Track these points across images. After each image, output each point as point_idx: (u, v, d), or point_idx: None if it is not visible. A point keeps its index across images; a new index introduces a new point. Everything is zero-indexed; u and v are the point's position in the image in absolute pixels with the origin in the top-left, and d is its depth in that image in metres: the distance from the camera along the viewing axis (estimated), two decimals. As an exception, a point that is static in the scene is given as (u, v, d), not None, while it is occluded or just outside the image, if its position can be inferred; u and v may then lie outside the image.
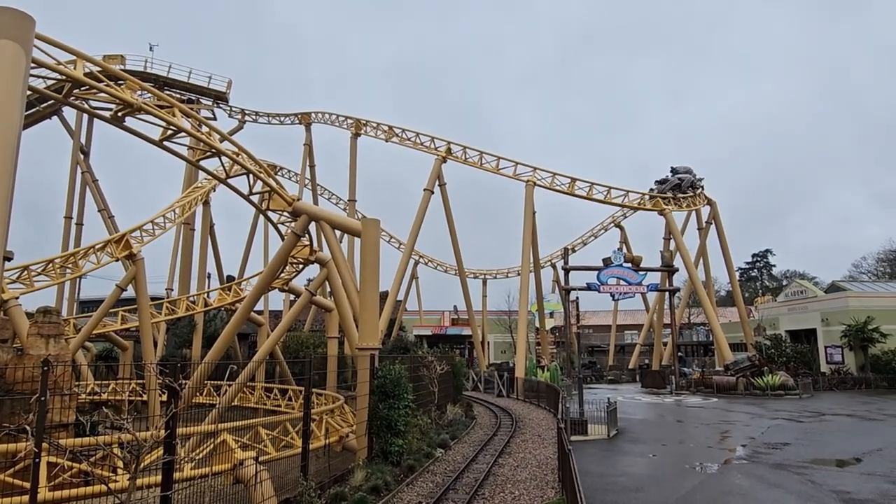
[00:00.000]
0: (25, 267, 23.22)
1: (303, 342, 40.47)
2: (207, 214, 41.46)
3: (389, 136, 44.09)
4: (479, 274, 61.57)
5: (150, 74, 38.13)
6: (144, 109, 13.96)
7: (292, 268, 25.15)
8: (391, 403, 13.51)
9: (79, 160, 40.75)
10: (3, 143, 8.18)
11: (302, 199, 20.77)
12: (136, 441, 6.91)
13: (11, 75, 8.54)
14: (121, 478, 8.84)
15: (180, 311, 32.04)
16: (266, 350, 23.64)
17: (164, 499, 7.36)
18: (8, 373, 14.37)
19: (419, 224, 40.76)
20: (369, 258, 15.45)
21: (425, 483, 12.54)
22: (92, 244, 26.25)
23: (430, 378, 20.09)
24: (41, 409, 6.59)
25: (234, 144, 17.12)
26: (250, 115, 47.28)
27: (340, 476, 11.75)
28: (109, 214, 40.43)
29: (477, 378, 41.86)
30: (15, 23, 8.79)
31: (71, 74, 12.73)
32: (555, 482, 12.32)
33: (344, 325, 20.69)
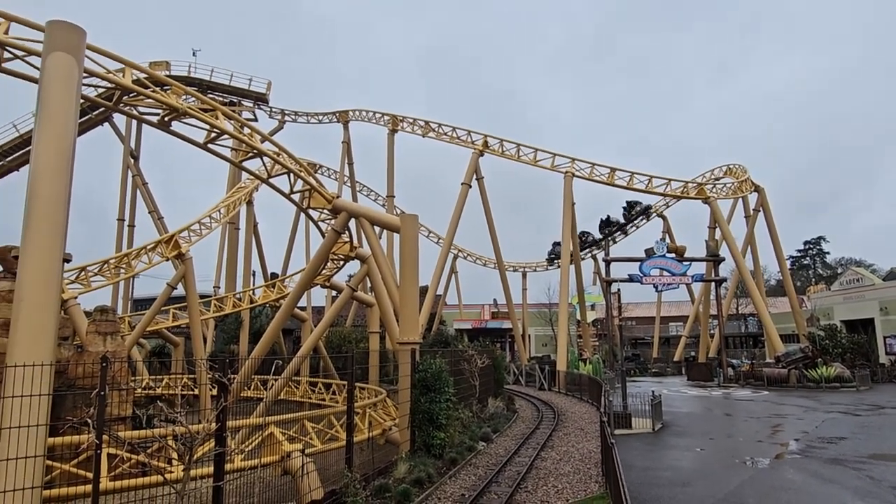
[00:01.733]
0: (83, 268, 24.33)
1: (345, 337, 41.14)
2: (251, 214, 42.51)
3: (426, 131, 44.22)
4: (518, 267, 61.23)
5: (193, 79, 39.26)
6: (189, 113, 14.42)
7: (333, 264, 25.57)
8: (432, 397, 13.63)
9: (129, 164, 42.36)
10: (60, 151, 8.60)
11: (341, 197, 21.08)
12: (189, 434, 7.19)
13: (66, 85, 8.95)
14: (176, 469, 9.22)
15: (227, 308, 33.03)
16: (310, 345, 24.14)
17: (216, 489, 7.64)
18: (70, 369, 15.15)
19: (457, 218, 40.80)
20: (408, 253, 15.56)
21: (468, 476, 12.62)
22: (143, 245, 27.30)
23: (471, 372, 20.14)
24: (101, 403, 6.92)
25: (275, 144, 17.49)
26: (290, 115, 48.17)
27: (384, 468, 11.92)
28: (159, 216, 41.91)
29: (518, 371, 41.73)
30: (67, 35, 9.21)
31: (120, 82, 13.24)
32: (598, 476, 12.21)
33: (385, 319, 20.92)
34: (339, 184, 48.78)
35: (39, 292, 8.01)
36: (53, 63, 8.93)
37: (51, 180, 8.40)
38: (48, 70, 8.94)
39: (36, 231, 8.21)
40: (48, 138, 8.61)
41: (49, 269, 8.21)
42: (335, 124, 49.76)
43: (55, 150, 8.56)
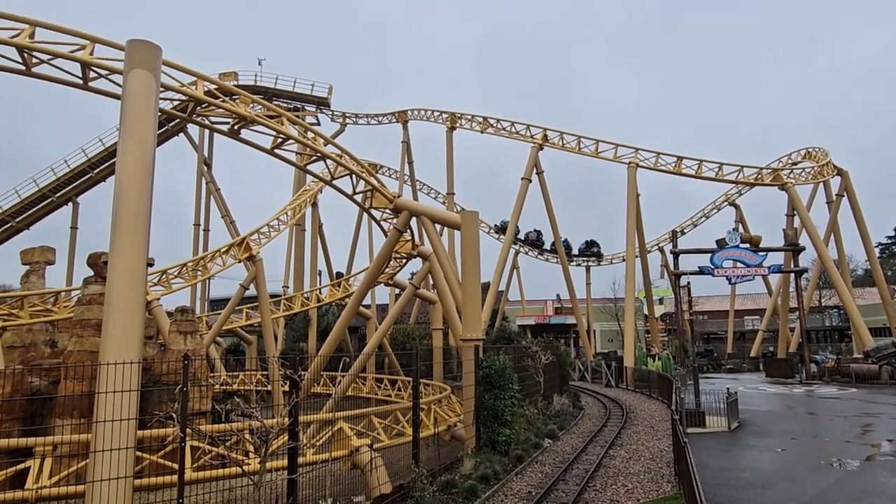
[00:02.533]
0: (164, 271, 25.83)
1: (409, 334, 41.70)
2: (316, 215, 43.80)
3: (484, 127, 44.10)
4: (580, 261, 60.08)
5: (259, 87, 40.83)
6: (257, 121, 15.01)
7: (396, 262, 25.97)
8: (497, 394, 13.61)
9: (203, 172, 44.58)
10: (142, 162, 9.16)
11: (402, 196, 21.37)
12: (265, 428, 7.51)
13: (145, 100, 9.52)
14: (252, 461, 9.66)
15: (296, 307, 34.20)
16: (375, 342, 24.63)
17: (290, 481, 7.93)
18: (154, 366, 16.12)
19: (518, 213, 40.49)
20: (469, 250, 15.59)
21: (534, 473, 12.53)
22: (218, 248, 28.68)
23: (535, 368, 19.96)
24: (184, 399, 7.34)
25: (337, 147, 17.94)
26: (350, 117, 49.24)
27: (450, 464, 12.03)
28: (231, 220, 43.89)
29: (583, 368, 41.00)
30: (145, 53, 9.80)
31: (193, 94, 13.96)
32: (670, 476, 11.83)
33: (447, 316, 21.06)
34: (399, 183, 49.44)
35: (126, 295, 8.57)
36: (133, 79, 9.52)
37: (134, 190, 8.96)
38: (129, 86, 9.54)
39: (122, 237, 8.78)
40: (131, 150, 9.19)
41: (134, 273, 8.77)
42: (394, 124, 50.47)
43: (137, 161, 9.13)
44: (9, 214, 36.56)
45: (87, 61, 12.64)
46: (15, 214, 36.87)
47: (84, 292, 16.75)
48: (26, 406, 14.81)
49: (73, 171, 37.73)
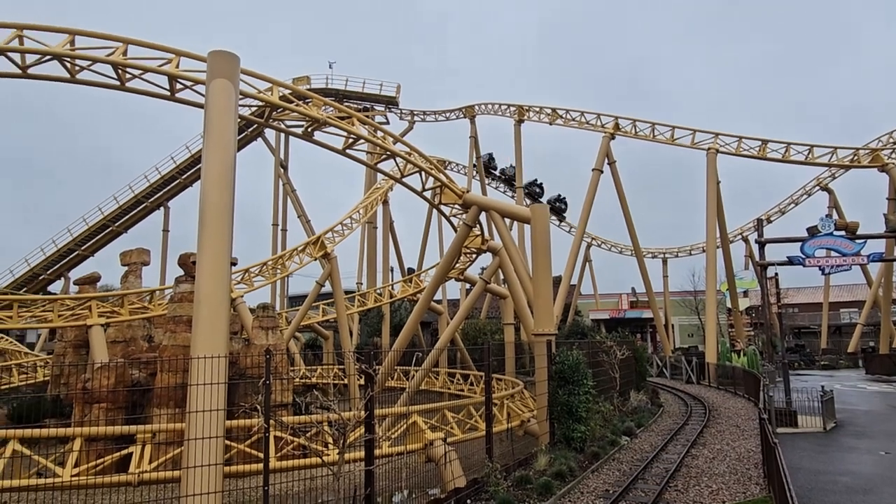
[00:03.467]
0: (246, 270, 27.18)
1: (480, 329, 41.76)
2: (387, 213, 44.65)
3: (553, 118, 43.35)
4: (657, 253, 57.92)
5: (330, 90, 42.04)
6: (329, 122, 15.47)
7: (466, 258, 26.06)
8: (571, 389, 13.39)
9: (279, 174, 46.49)
10: (224, 166, 9.67)
11: (471, 191, 21.39)
12: (342, 420, 7.75)
13: (226, 108, 10.04)
14: (331, 452, 10.00)
15: (369, 303, 35.05)
16: (447, 337, 24.84)
17: (367, 473, 8.14)
18: (239, 360, 17.01)
19: (589, 205, 39.53)
20: (540, 244, 15.41)
21: (611, 471, 12.24)
22: (295, 247, 29.84)
23: (610, 363, 19.47)
24: (267, 391, 7.69)
25: (406, 145, 18.19)
26: (418, 115, 49.77)
27: (524, 460, 11.95)
28: (307, 219, 45.53)
29: (661, 363, 39.61)
30: (225, 62, 10.32)
31: (269, 100, 14.57)
32: (759, 478, 11.22)
33: (518, 311, 20.92)
34: (468, 178, 49.51)
35: (213, 293, 9.08)
36: (215, 89, 10.05)
37: (218, 193, 9.47)
38: (211, 95, 10.08)
39: (208, 239, 9.31)
40: (214, 156, 9.71)
41: (220, 272, 9.28)
42: (462, 120, 50.56)
43: (220, 166, 9.64)
44: (109, 219, 39.67)
45: (174, 74, 13.46)
46: (114, 219, 39.96)
47: (176, 291, 17.91)
48: (128, 396, 16.04)
49: (163, 177, 40.39)
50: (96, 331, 19.36)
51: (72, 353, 22.37)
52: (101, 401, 15.57)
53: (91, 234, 39.65)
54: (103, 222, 39.62)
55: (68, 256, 39.76)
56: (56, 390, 22.18)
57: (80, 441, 10.59)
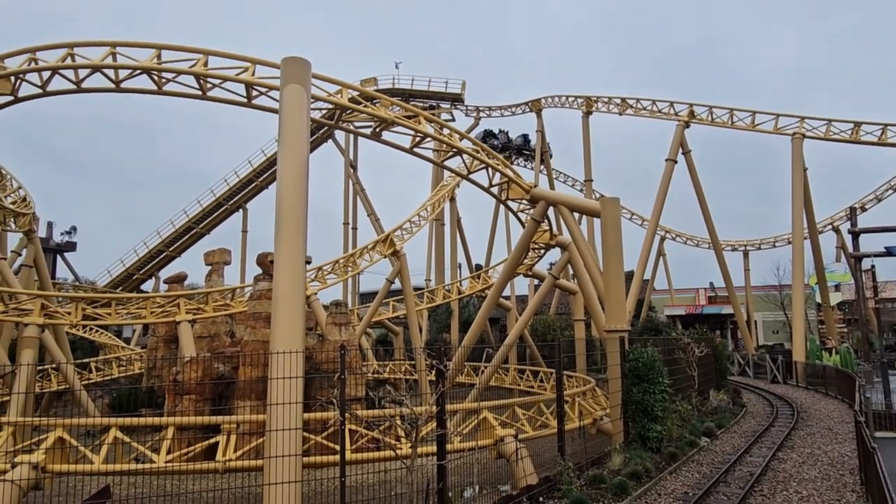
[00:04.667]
0: (319, 268, 28.09)
1: (549, 325, 41.23)
2: (454, 210, 44.85)
3: (623, 109, 42.07)
4: (737, 245, 55.02)
5: (397, 90, 42.66)
6: (396, 122, 15.73)
7: (534, 253, 25.76)
8: (645, 387, 12.97)
9: (349, 174, 47.70)
10: (298, 168, 10.05)
11: (539, 186, 21.13)
12: (414, 415, 7.87)
13: (299, 112, 10.42)
14: (403, 446, 10.18)
15: (438, 300, 35.36)
16: (516, 333, 24.69)
17: (440, 467, 8.23)
18: (314, 355, 17.63)
19: (663, 197, 38.07)
20: (611, 238, 15.02)
21: (690, 473, 11.78)
22: (365, 245, 30.56)
23: (688, 361, 18.72)
24: (341, 386, 7.94)
25: (473, 142, 18.20)
26: (484, 111, 49.63)
27: (597, 459, 11.71)
28: (376, 218, 46.48)
29: (743, 362, 37.67)
30: (297, 68, 10.71)
31: (338, 102, 14.98)
32: (855, 485, 10.47)
33: (589, 307, 20.49)
34: (535, 173, 48.91)
35: (290, 290, 9.46)
36: (288, 94, 10.44)
37: (292, 194, 9.85)
38: (284, 100, 10.48)
39: (284, 238, 9.70)
40: (288, 158, 10.10)
41: (295, 271, 9.65)
42: (528, 114, 49.98)
43: (294, 168, 10.02)
44: (193, 221, 42.18)
45: (251, 81, 14.10)
46: (198, 221, 42.43)
47: (255, 288, 18.78)
48: (214, 388, 16.98)
49: (241, 180, 42.46)
50: (184, 327, 20.62)
51: (163, 347, 23.97)
52: (189, 392, 16.59)
53: (177, 235, 42.31)
54: (188, 224, 42.17)
55: (158, 257, 42.62)
56: (150, 382, 23.84)
57: (172, 429, 11.32)
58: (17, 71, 14.17)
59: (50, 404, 25.83)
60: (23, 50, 14.37)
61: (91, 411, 21.23)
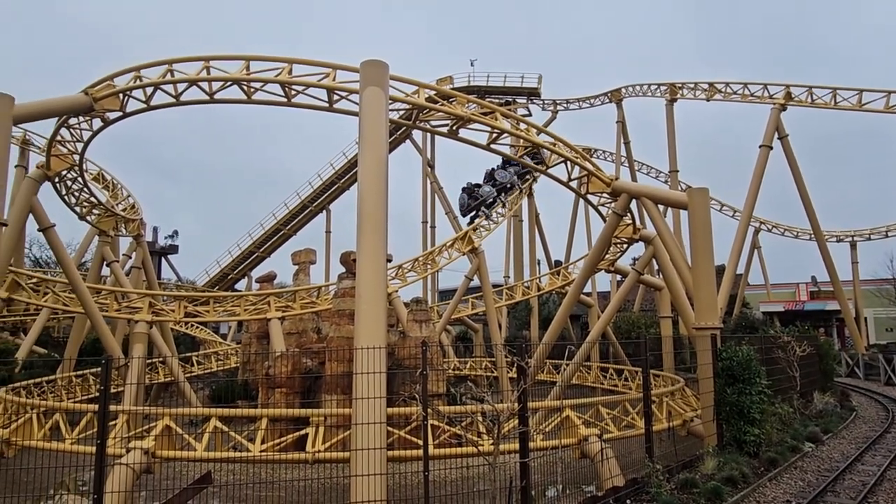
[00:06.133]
0: (399, 266, 28.65)
1: (634, 322, 39.90)
2: (532, 205, 44.33)
3: (711, 94, 39.85)
4: (843, 236, 50.70)
5: (473, 87, 42.71)
6: (472, 119, 15.73)
7: (616, 248, 24.96)
8: (741, 388, 12.24)
9: (427, 173, 48.32)
10: (378, 171, 10.27)
11: (620, 178, 20.44)
12: (496, 412, 7.85)
13: (378, 114, 10.65)
14: (485, 442, 10.18)
15: (517, 296, 35.11)
16: (598, 331, 24.06)
17: (522, 465, 8.16)
18: (396, 351, 17.99)
19: (757, 186, 35.70)
20: (699, 230, 14.30)
21: (792, 480, 11.00)
22: (443, 242, 30.85)
23: (788, 361, 17.48)
24: (423, 381, 8.04)
25: (550, 135, 17.88)
26: (561, 103, 48.69)
27: (688, 462, 11.18)
28: (454, 216, 46.77)
29: (852, 362, 34.73)
30: (375, 71, 10.95)
31: (416, 102, 15.18)
32: None
33: (676, 303, 19.61)
34: (616, 165, 47.41)
35: (372, 288, 9.70)
36: (367, 97, 10.70)
37: (373, 195, 10.09)
38: (364, 103, 10.75)
39: (366, 237, 9.95)
40: (369, 160, 10.35)
41: (377, 269, 9.88)
42: (607, 105, 48.51)
43: (375, 169, 10.26)
44: (281, 223, 44.40)
45: (332, 86, 14.57)
46: (285, 223, 44.60)
47: (339, 287, 19.43)
48: (302, 382, 17.75)
49: (324, 182, 44.16)
50: (275, 323, 21.69)
51: (255, 343, 25.34)
52: (280, 386, 17.42)
53: (267, 237, 44.68)
54: (276, 226, 44.42)
55: (250, 258, 45.19)
56: (245, 375, 25.28)
57: (265, 421, 11.94)
58: (124, 88, 15.41)
59: (158, 395, 28.00)
60: (128, 69, 15.60)
61: (193, 402, 22.80)
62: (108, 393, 7.61)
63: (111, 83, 15.49)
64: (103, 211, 23.68)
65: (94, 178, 24.71)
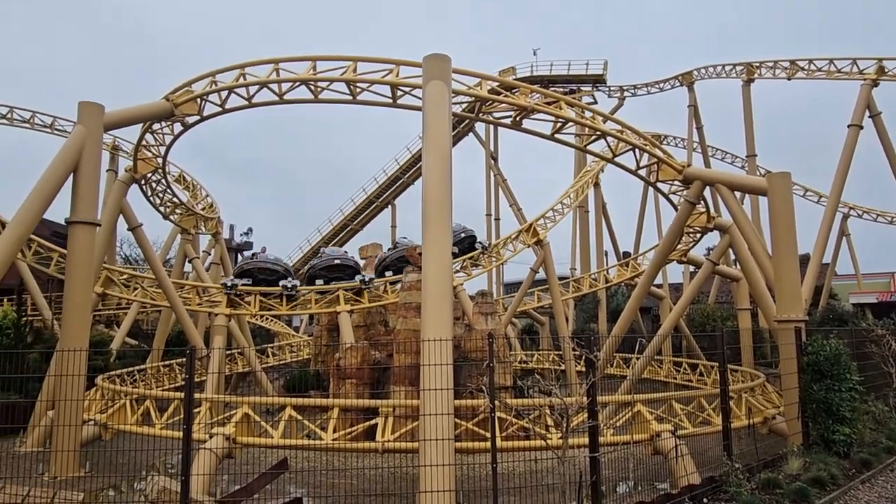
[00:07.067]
0: (464, 259, 28.74)
1: (708, 315, 38.31)
2: (599, 195, 43.26)
3: (792, 72, 37.40)
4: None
5: (536, 77, 42.10)
6: (536, 109, 15.50)
7: (689, 238, 23.98)
8: (829, 385, 11.50)
9: (490, 165, 48.13)
10: (442, 163, 10.33)
11: (692, 165, 19.61)
12: (564, 405, 7.74)
13: (441, 108, 10.70)
14: (552, 436, 10.08)
15: (584, 289, 34.44)
16: (670, 324, 23.27)
17: (592, 459, 8.02)
18: (462, 344, 18.09)
19: (845, 169, 33.20)
20: (781, 217, 13.52)
21: (888, 483, 10.27)
22: (508, 235, 30.68)
23: (883, 356, 16.27)
24: (491, 374, 8.04)
25: (617, 122, 17.37)
26: (628, 89, 47.13)
27: (770, 461, 10.64)
28: (518, 208, 46.40)
29: (957, 358, 31.87)
30: (438, 65, 11.00)
31: (478, 94, 15.12)
32: None
33: (755, 294, 18.64)
34: (688, 151, 45.45)
35: (438, 281, 9.79)
36: (430, 91, 10.76)
37: (438, 188, 10.16)
38: (427, 97, 10.82)
39: (431, 231, 10.04)
40: (433, 153, 10.43)
41: (443, 262, 9.96)
42: (678, 89, 46.53)
43: (439, 162, 10.32)
44: (348, 219, 45.64)
45: (396, 82, 14.76)
46: (352, 218, 45.77)
47: (405, 280, 19.72)
48: (371, 373, 18.17)
49: (389, 178, 44.93)
50: (344, 316, 22.32)
51: (326, 335, 26.18)
52: (350, 377, 17.91)
53: (335, 232, 46.02)
54: (344, 222, 45.70)
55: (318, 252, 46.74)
56: (316, 366, 26.19)
57: (336, 410, 12.31)
58: (202, 93, 16.21)
59: (237, 384, 29.48)
60: (205, 74, 16.39)
61: (269, 391, 23.84)
62: (192, 381, 8.07)
63: (189, 89, 16.32)
64: (185, 210, 25.08)
65: (176, 179, 26.21)
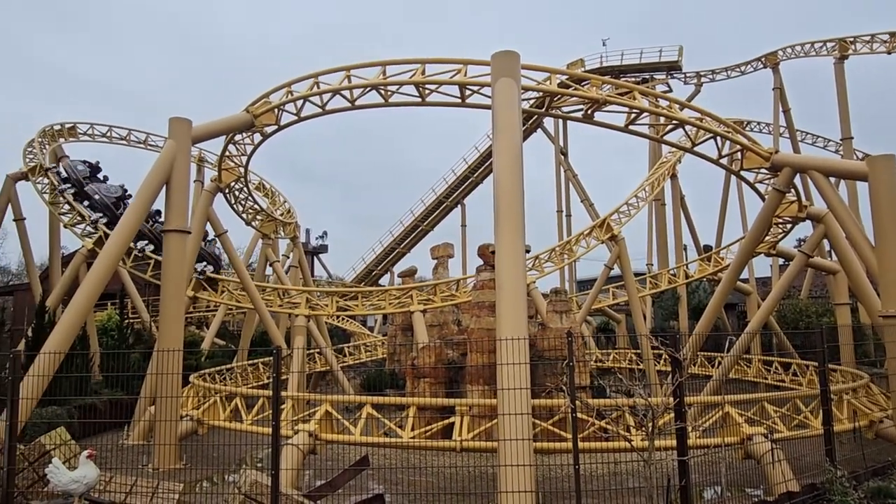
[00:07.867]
0: (536, 256, 28.37)
1: (801, 311, 35.85)
2: (676, 187, 41.47)
3: (893, 46, 34.43)
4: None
5: (606, 68, 40.96)
6: (608, 101, 15.05)
7: (778, 229, 22.52)
8: (946, 386, 10.46)
9: (560, 161, 47.29)
10: (513, 160, 10.22)
11: (780, 151, 18.41)
12: (649, 406, 7.45)
13: (510, 105, 10.60)
14: (635, 437, 9.74)
15: (662, 285, 33.13)
16: (759, 320, 21.94)
17: (681, 463, 7.69)
18: (536, 343, 17.85)
19: (957, 149, 30.27)
20: (885, 204, 12.46)
21: None
22: (581, 231, 29.98)
23: None
24: (570, 373, 7.86)
25: (696, 110, 16.57)
26: (706, 75, 44.90)
27: (879, 468, 9.81)
28: (590, 203, 45.34)
29: None
30: (507, 62, 10.90)
31: (547, 89, 14.87)
32: None
33: (856, 288, 17.27)
34: (774, 136, 42.73)
35: (512, 280, 9.69)
36: (499, 88, 10.68)
37: (509, 185, 10.07)
38: (496, 95, 10.75)
39: (504, 229, 9.96)
40: (504, 151, 10.34)
41: (517, 260, 9.86)
42: (762, 71, 43.83)
43: (510, 160, 10.22)
44: (418, 220, 46.23)
45: (464, 82, 14.76)
46: (422, 219, 46.31)
47: (478, 279, 19.70)
48: (446, 373, 18.28)
49: (458, 177, 45.09)
50: (417, 316, 22.60)
51: (400, 334, 26.61)
52: (426, 376, 18.10)
53: (406, 233, 46.75)
54: (414, 223, 46.33)
55: (391, 254, 47.62)
56: (392, 365, 26.68)
57: (413, 409, 12.48)
58: (279, 103, 16.89)
59: (317, 383, 30.52)
60: (281, 85, 17.06)
61: (347, 389, 24.52)
62: (279, 380, 8.40)
63: (267, 100, 17.04)
64: (265, 216, 26.25)
65: (256, 187, 27.50)
